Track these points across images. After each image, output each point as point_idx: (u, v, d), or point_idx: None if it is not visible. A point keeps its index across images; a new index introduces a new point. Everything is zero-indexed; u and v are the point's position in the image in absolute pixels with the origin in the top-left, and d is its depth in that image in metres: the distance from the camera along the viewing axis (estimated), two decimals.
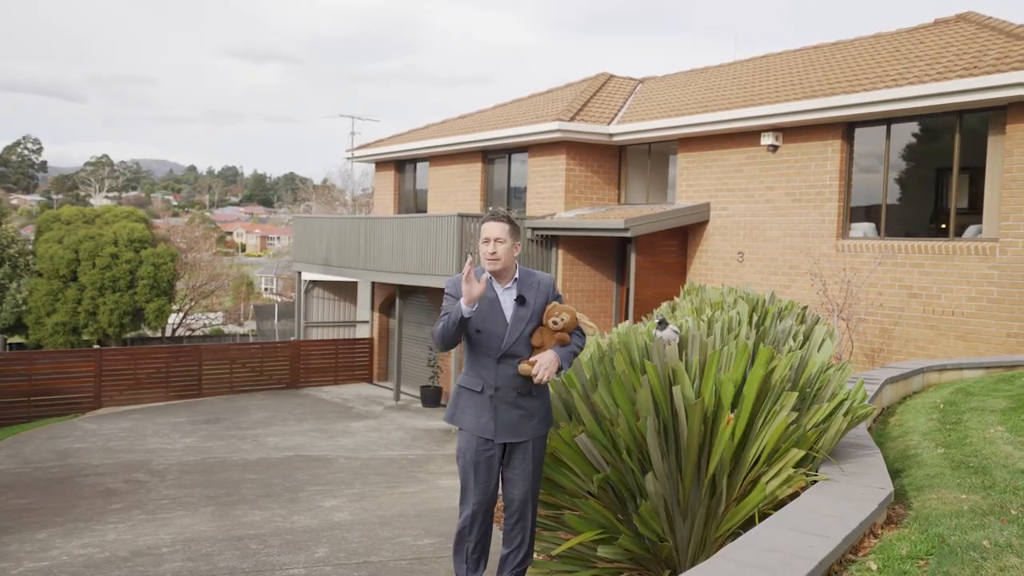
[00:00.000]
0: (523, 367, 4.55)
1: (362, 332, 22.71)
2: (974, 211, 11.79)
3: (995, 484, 4.89)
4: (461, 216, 15.00)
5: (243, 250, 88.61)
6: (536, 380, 4.51)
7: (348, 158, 22.32)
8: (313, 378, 20.75)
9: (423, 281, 16.06)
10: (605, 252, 15.99)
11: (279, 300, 50.14)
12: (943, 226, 12.67)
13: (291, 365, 20.56)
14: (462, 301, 4.41)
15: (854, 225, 12.89)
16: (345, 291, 23.20)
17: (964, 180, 11.83)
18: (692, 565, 4.99)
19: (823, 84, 13.34)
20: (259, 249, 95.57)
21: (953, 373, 9.92)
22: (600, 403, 4.92)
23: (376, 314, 21.60)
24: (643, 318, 13.28)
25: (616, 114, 16.62)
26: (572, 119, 15.60)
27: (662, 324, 5.16)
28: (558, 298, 4.80)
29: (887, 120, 12.36)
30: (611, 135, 15.79)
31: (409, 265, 16.30)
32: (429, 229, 15.62)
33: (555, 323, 4.64)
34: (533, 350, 4.66)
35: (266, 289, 64.38)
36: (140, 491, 10.03)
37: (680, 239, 14.92)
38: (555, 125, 15.30)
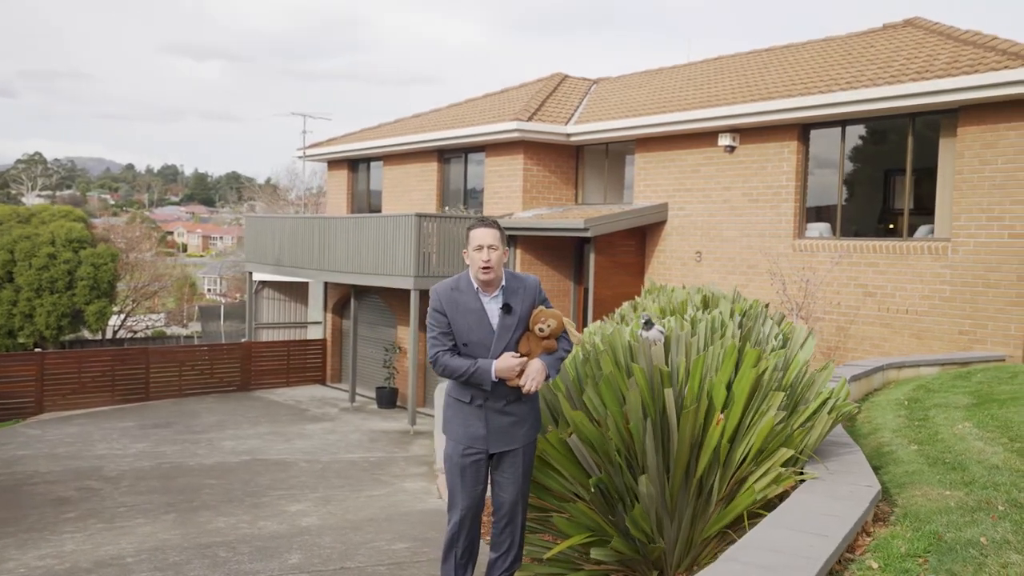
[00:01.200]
0: (511, 381, 4.49)
1: (313, 333, 22.42)
2: (926, 212, 12.04)
3: (975, 480, 4.96)
4: (419, 216, 14.87)
5: (184, 250, 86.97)
6: (524, 391, 4.47)
7: (300, 157, 22.03)
8: (265, 380, 20.41)
9: (379, 281, 15.89)
10: (563, 252, 16.00)
11: (223, 301, 49.30)
12: (895, 226, 12.92)
13: (242, 367, 20.19)
14: (494, 369, 4.41)
15: (810, 225, 13.08)
16: (296, 292, 22.88)
17: (917, 181, 12.08)
18: (679, 566, 4.99)
19: (779, 86, 13.51)
20: (201, 249, 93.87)
21: (911, 370, 10.13)
22: (589, 405, 4.88)
23: (329, 315, 21.33)
24: (603, 318, 13.31)
25: (573, 114, 16.64)
26: (530, 119, 15.58)
27: (648, 324, 5.14)
28: (544, 301, 4.74)
29: (842, 122, 12.57)
30: (569, 135, 15.80)
31: (365, 265, 16.12)
32: (386, 229, 15.46)
33: (541, 330, 4.59)
34: (520, 358, 4.59)
35: (209, 290, 63.27)
36: (94, 499, 9.73)
37: (638, 239, 14.99)
38: (513, 125, 15.26)
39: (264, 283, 22.37)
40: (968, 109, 11.22)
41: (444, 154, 18.20)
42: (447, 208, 17.64)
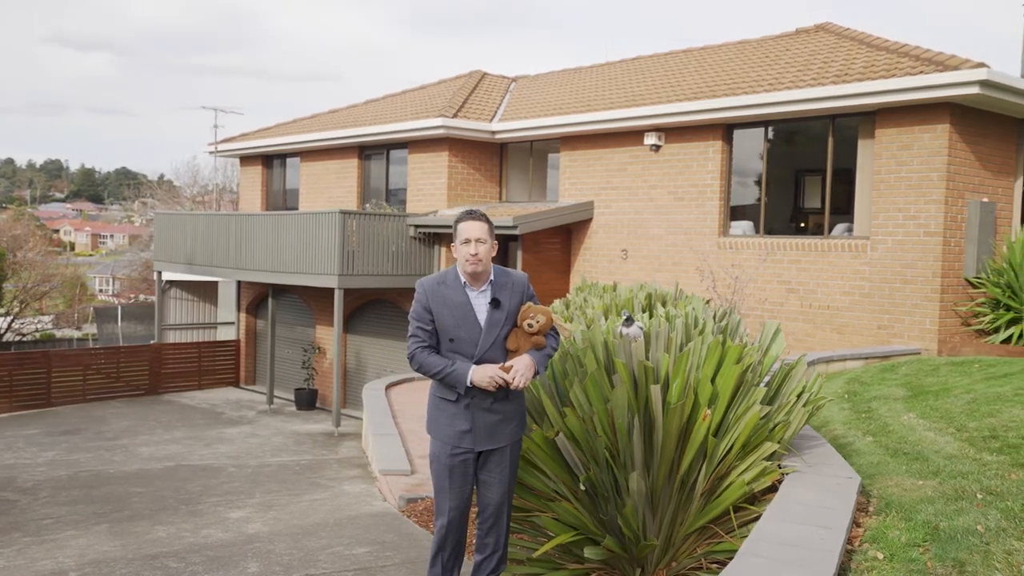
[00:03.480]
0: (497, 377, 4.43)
1: (224, 334, 21.78)
2: (846, 211, 12.49)
3: (940, 470, 5.15)
4: (343, 213, 14.60)
5: (72, 249, 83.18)
6: (513, 387, 4.40)
7: (211, 152, 21.33)
8: (175, 383, 19.72)
9: (301, 280, 15.54)
10: None
11: (119, 302, 47.41)
12: (812, 224, 13.35)
13: (151, 370, 19.46)
14: (472, 374, 4.33)
15: (733, 223, 13.39)
16: (205, 291, 22.17)
17: (837, 181, 12.50)
18: (658, 563, 5.01)
19: (702, 87, 13.78)
20: (90, 248, 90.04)
21: (838, 364, 10.49)
22: (575, 402, 4.86)
23: (243, 315, 20.75)
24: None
25: (496, 112, 16.61)
26: (455, 115, 15.48)
27: (628, 321, 5.16)
28: (532, 298, 4.71)
29: (765, 123, 12.90)
30: (494, 132, 15.77)
31: (285, 264, 15.73)
32: (308, 226, 15.13)
33: (530, 326, 4.53)
34: (508, 354, 4.54)
35: (101, 290, 60.76)
36: (13, 511, 9.19)
37: (564, 237, 15.08)
38: (439, 121, 15.14)
39: (171, 283, 21.61)
40: (885, 112, 11.68)
41: (365, 151, 17.92)
42: (367, 205, 17.38)
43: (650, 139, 13.77)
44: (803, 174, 13.60)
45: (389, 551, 6.42)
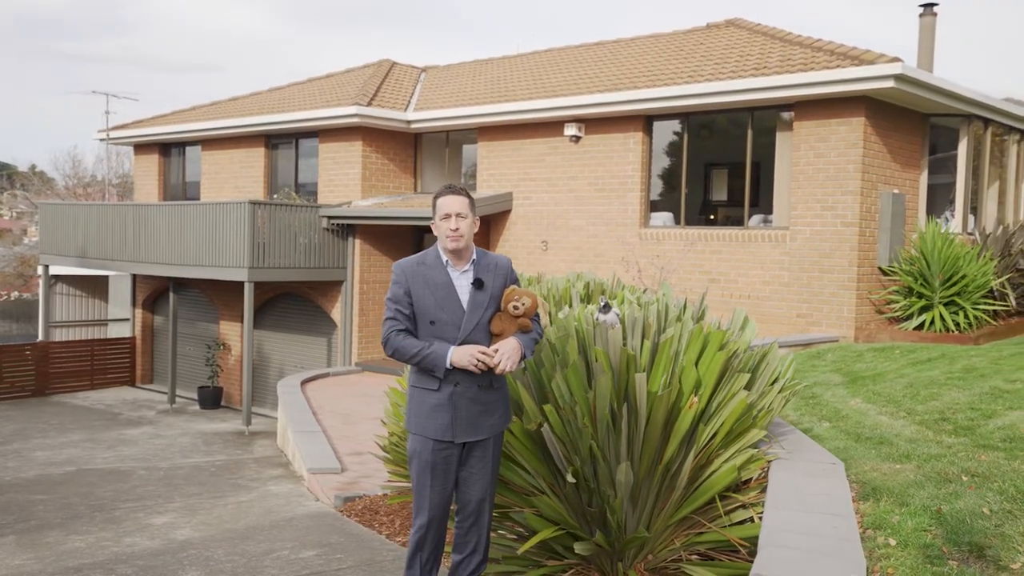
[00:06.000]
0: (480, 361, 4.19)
1: (116, 331, 20.69)
2: (765, 202, 12.68)
3: (910, 453, 5.17)
4: (253, 203, 14.00)
5: None
6: (498, 370, 4.17)
7: (102, 140, 20.17)
8: (65, 383, 18.60)
9: (207, 274, 14.83)
10: (403, 241, 15.61)
11: None
12: (731, 215, 13.54)
13: (37, 370, 18.29)
14: (451, 354, 4.10)
15: (654, 215, 13.44)
16: (94, 287, 20.99)
17: (757, 172, 12.69)
18: (637, 556, 4.87)
19: (621, 78, 13.77)
20: None
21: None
22: (556, 393, 4.66)
23: (139, 311, 19.73)
24: None
25: (409, 101, 16.25)
26: (369, 104, 15.05)
27: (605, 308, 4.99)
28: (516, 282, 4.49)
29: (685, 114, 12.98)
30: (409, 122, 15.41)
31: (189, 257, 15.00)
32: (215, 217, 14.44)
33: (516, 308, 4.32)
34: (492, 338, 4.31)
35: None
36: None
37: (482, 228, 14.85)
38: (353, 110, 14.68)
39: (57, 277, 20.37)
40: (803, 105, 11.90)
41: (272, 139, 17.26)
42: (276, 196, 16.76)
43: (570, 130, 13.68)
44: (723, 166, 13.76)
45: (339, 553, 6.08)
